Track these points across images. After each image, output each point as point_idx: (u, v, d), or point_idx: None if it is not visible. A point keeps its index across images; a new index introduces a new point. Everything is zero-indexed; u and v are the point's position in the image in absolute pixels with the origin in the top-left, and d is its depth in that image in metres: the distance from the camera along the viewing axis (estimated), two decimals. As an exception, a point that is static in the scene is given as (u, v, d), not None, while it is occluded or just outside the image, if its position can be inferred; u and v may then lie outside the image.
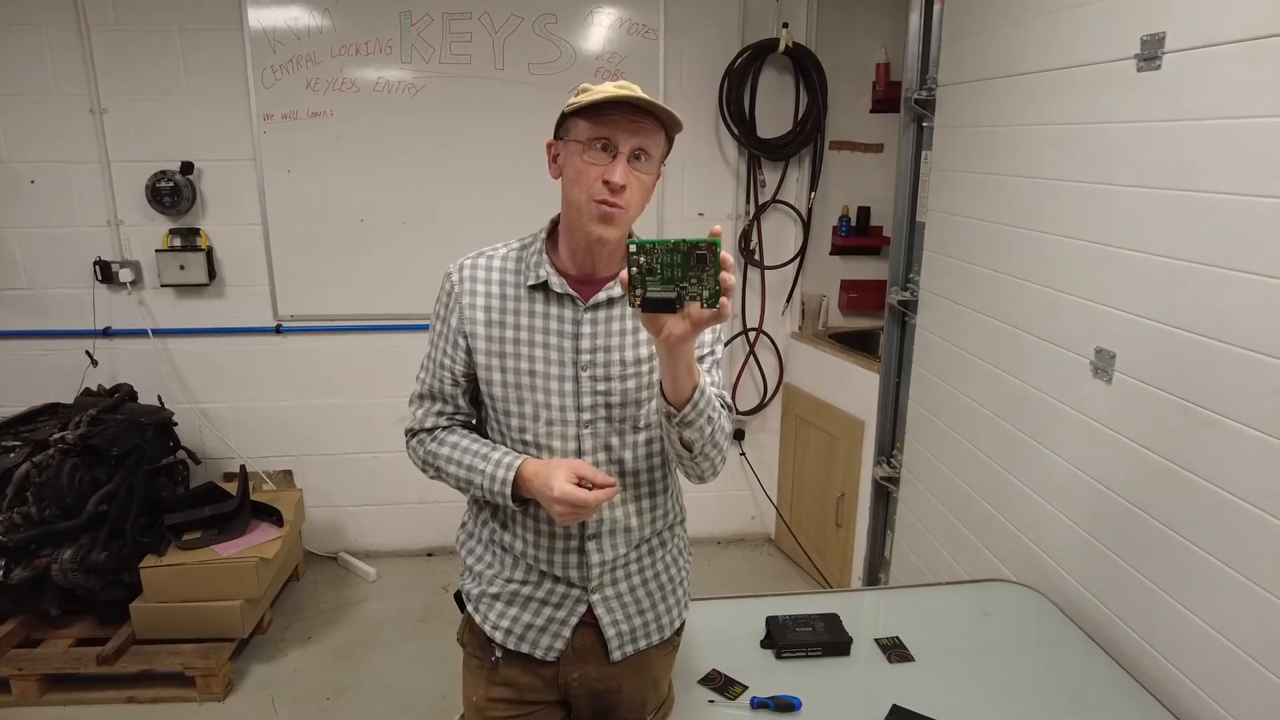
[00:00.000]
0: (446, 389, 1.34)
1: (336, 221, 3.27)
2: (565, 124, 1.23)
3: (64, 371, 3.28)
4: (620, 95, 1.15)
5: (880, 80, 3.42)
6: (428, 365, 1.36)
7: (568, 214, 1.26)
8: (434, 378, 1.35)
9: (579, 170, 1.19)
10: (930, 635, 1.77)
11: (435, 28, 3.13)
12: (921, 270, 2.64)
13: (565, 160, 1.23)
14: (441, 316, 1.34)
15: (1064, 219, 1.92)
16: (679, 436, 1.18)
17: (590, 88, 1.20)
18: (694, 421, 1.16)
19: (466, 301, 1.29)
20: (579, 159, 1.19)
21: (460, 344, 1.30)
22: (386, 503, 3.63)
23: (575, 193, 1.21)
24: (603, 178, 1.17)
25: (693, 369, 1.14)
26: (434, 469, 1.35)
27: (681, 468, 1.30)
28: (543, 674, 1.38)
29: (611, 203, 1.18)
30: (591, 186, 1.18)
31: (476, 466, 1.28)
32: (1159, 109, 1.62)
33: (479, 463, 1.28)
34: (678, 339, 1.07)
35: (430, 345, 1.36)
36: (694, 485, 1.35)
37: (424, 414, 1.36)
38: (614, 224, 1.20)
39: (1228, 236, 1.47)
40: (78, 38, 3.02)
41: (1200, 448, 1.53)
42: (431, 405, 1.36)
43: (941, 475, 2.53)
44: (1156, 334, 1.64)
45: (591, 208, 1.19)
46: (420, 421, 1.37)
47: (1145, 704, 1.58)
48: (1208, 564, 1.51)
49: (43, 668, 2.64)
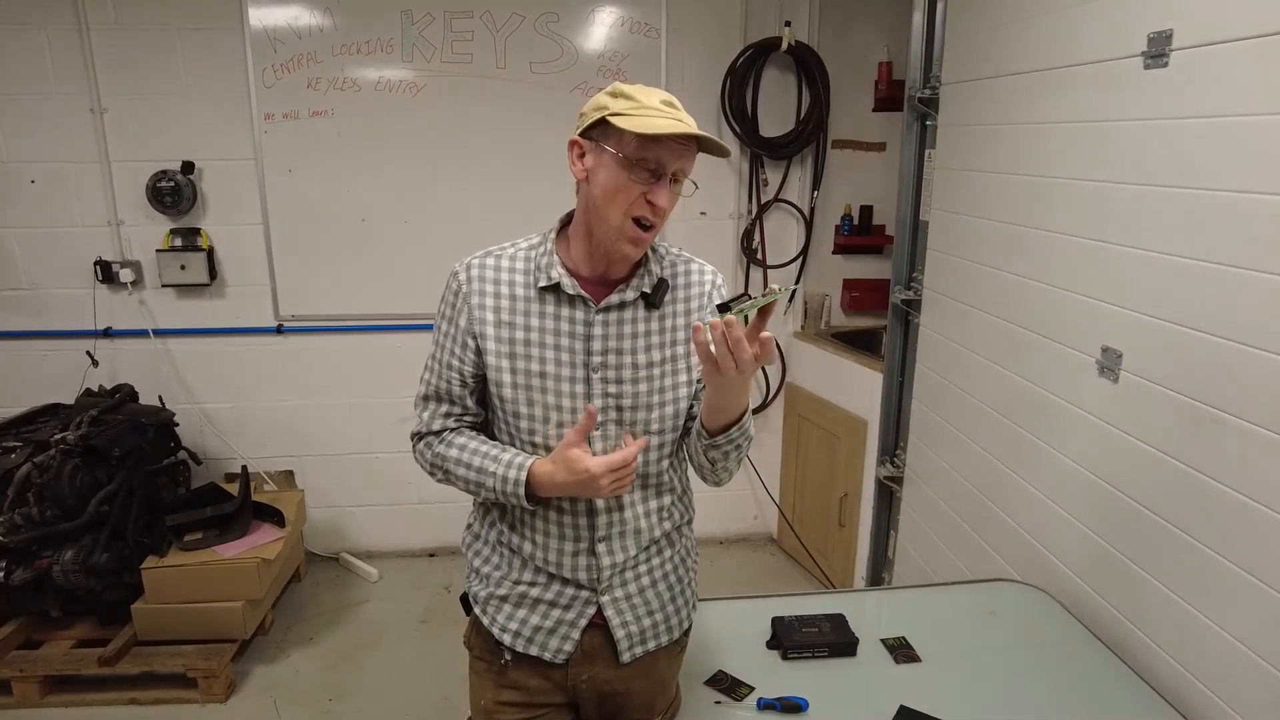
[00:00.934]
0: (454, 390, 1.32)
1: (337, 221, 3.27)
2: (605, 128, 1.18)
3: (65, 372, 3.27)
4: (679, 131, 1.14)
5: (883, 79, 3.41)
6: (433, 366, 1.33)
7: (592, 222, 1.23)
8: (441, 379, 1.32)
9: (619, 186, 1.18)
10: (936, 635, 1.77)
11: (436, 27, 3.12)
12: (925, 269, 2.64)
13: (598, 167, 1.20)
14: (449, 317, 1.31)
15: (1070, 218, 1.91)
16: (705, 454, 1.25)
17: (629, 92, 1.18)
18: (722, 446, 1.23)
19: (475, 302, 1.28)
20: (622, 174, 1.17)
21: (470, 344, 1.29)
22: (388, 503, 3.62)
23: (610, 208, 1.19)
24: (649, 198, 1.18)
25: (741, 400, 1.19)
26: (443, 472, 1.33)
27: (698, 471, 1.35)
28: (551, 676, 1.37)
29: (650, 223, 1.20)
30: (632, 205, 1.18)
31: (487, 469, 1.26)
32: (1166, 107, 1.61)
33: (489, 464, 1.26)
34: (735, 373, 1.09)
35: (435, 346, 1.33)
36: (695, 484, 1.37)
37: (430, 416, 1.34)
38: (643, 245, 1.23)
39: (1236, 235, 1.46)
40: (78, 37, 3.01)
41: (1209, 447, 1.53)
42: (438, 407, 1.34)
43: (945, 475, 2.52)
44: (1164, 333, 1.63)
45: (627, 227, 1.19)
46: (427, 424, 1.34)
47: (1153, 704, 1.57)
48: (1216, 563, 1.50)
49: (44, 669, 2.63)
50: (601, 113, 1.18)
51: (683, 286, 1.33)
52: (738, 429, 1.21)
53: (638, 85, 1.21)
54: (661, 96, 1.19)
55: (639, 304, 1.28)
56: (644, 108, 1.16)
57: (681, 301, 1.32)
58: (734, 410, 1.19)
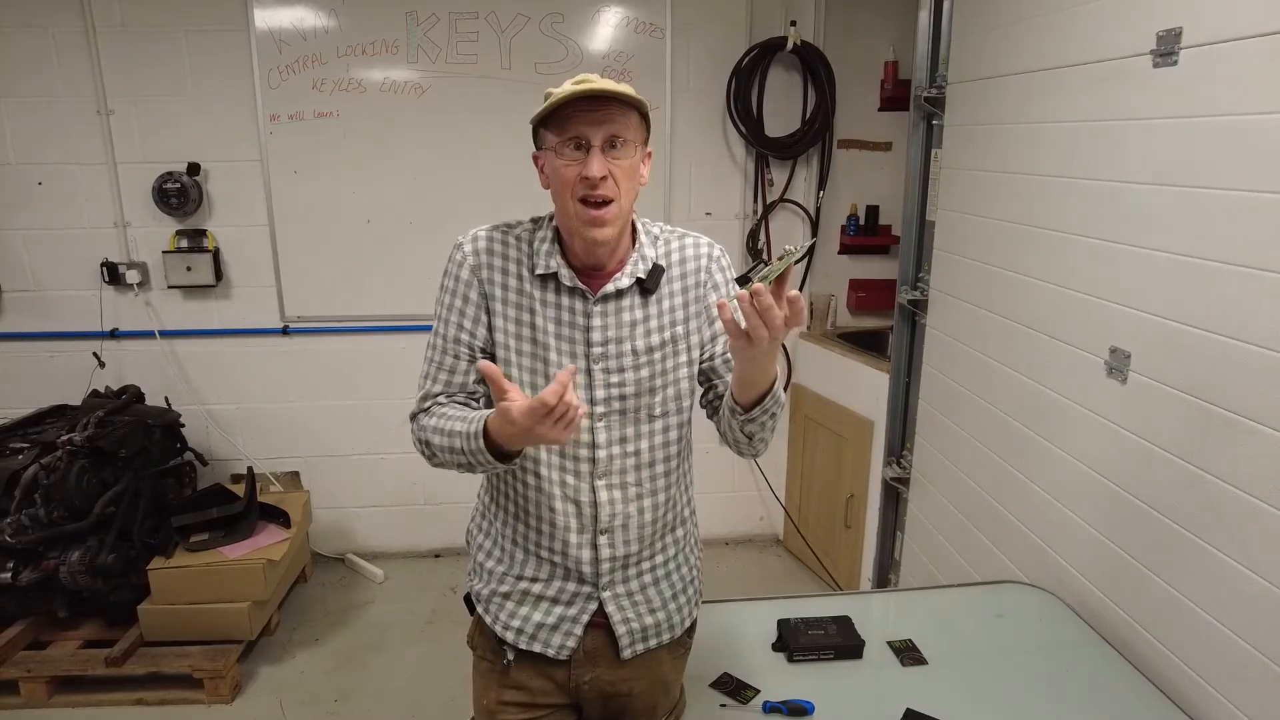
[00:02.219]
0: (460, 365, 1.27)
1: (343, 222, 3.27)
2: (538, 135, 1.23)
3: (71, 373, 3.28)
4: (574, 92, 1.13)
5: (889, 78, 3.40)
6: (436, 343, 1.28)
7: (563, 221, 1.25)
8: (446, 354, 1.27)
9: (560, 174, 1.18)
10: (943, 638, 1.76)
11: (441, 27, 3.12)
12: (932, 269, 2.62)
13: (548, 169, 1.22)
14: (456, 290, 1.27)
15: (1078, 217, 1.90)
16: (742, 429, 1.24)
17: (552, 91, 1.18)
18: (758, 419, 1.22)
19: (486, 276, 1.26)
20: (557, 163, 1.18)
21: (482, 319, 1.26)
22: (394, 504, 3.62)
23: (563, 199, 1.20)
24: (580, 174, 1.17)
25: (771, 368, 1.17)
26: (426, 446, 1.24)
27: (734, 448, 1.34)
28: (554, 676, 1.37)
29: (595, 198, 1.17)
30: (574, 187, 1.18)
31: (456, 430, 1.18)
32: (1175, 105, 1.60)
33: (458, 425, 1.18)
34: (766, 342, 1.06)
35: (439, 321, 1.28)
36: (700, 485, 1.35)
37: (426, 394, 1.28)
38: (605, 224, 1.20)
39: (1247, 234, 1.44)
40: (84, 39, 3.02)
41: (1218, 448, 1.51)
42: (436, 383, 1.28)
43: (952, 476, 2.51)
44: (1173, 333, 1.61)
45: (581, 212, 1.19)
46: (420, 403, 1.29)
47: (1162, 707, 1.56)
48: (1226, 566, 1.49)
49: (51, 669, 2.63)
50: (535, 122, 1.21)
51: (677, 264, 1.32)
52: (770, 398, 1.20)
53: None
54: (576, 78, 1.18)
55: (634, 290, 1.28)
56: (554, 96, 1.15)
57: (678, 280, 1.31)
58: (766, 380, 1.18)
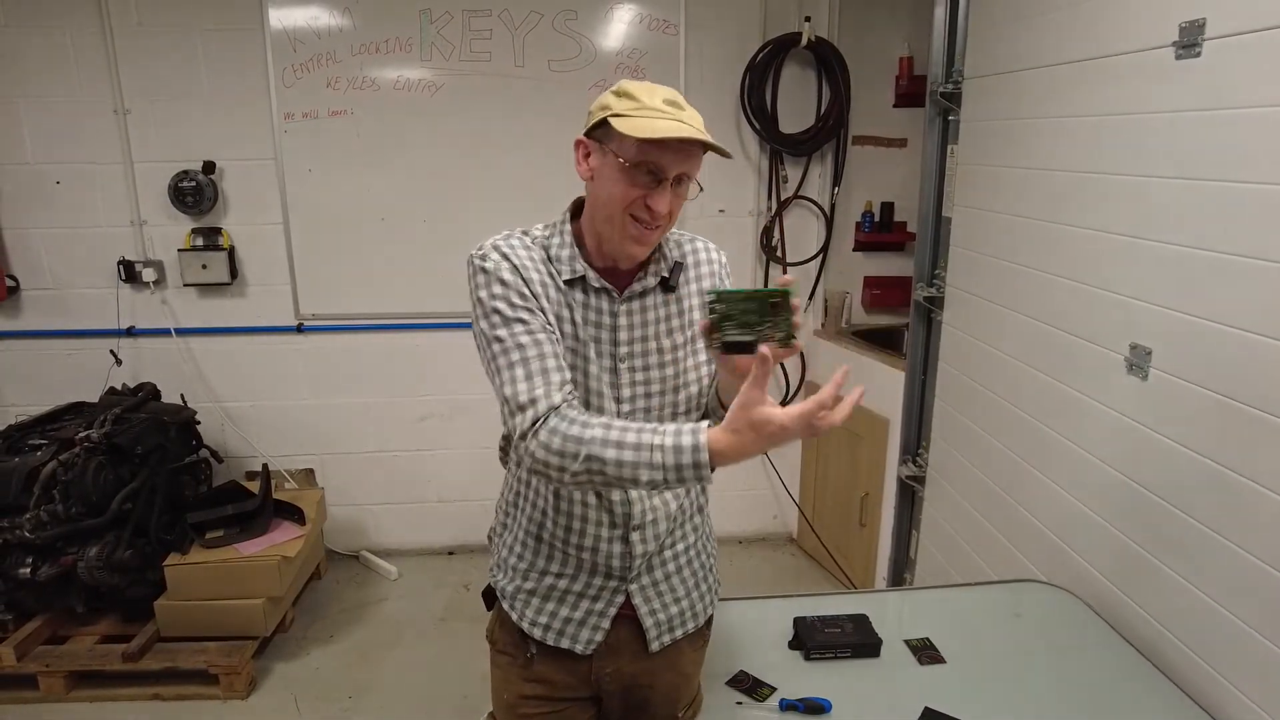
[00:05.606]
0: (559, 354, 1.18)
1: (357, 220, 3.28)
2: (607, 129, 1.15)
3: (89, 371, 3.31)
4: (682, 134, 1.12)
5: (904, 74, 3.38)
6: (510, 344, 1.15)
7: (598, 222, 1.22)
8: (532, 350, 1.15)
9: (621, 189, 1.16)
10: (961, 636, 1.74)
11: (455, 25, 3.12)
12: (948, 266, 2.60)
13: (602, 168, 1.19)
14: (509, 286, 1.17)
15: (1097, 213, 1.88)
16: None
17: (632, 91, 1.15)
18: None
19: (526, 276, 1.20)
20: (622, 178, 1.15)
21: (545, 308, 1.19)
22: (408, 501, 3.63)
23: (611, 207, 1.18)
24: (647, 203, 1.16)
25: None
26: (572, 459, 1.08)
27: None
28: (576, 670, 1.36)
29: (650, 225, 1.18)
30: (632, 206, 1.17)
31: (647, 442, 1.06)
32: (1199, 98, 1.58)
33: (648, 437, 1.06)
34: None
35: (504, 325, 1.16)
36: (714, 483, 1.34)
37: (545, 395, 1.13)
38: (648, 244, 1.21)
39: (1272, 229, 1.42)
40: (101, 39, 3.04)
41: (1242, 445, 1.49)
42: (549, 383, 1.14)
43: (968, 474, 2.49)
44: (1196, 329, 1.59)
45: (628, 226, 1.18)
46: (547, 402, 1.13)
47: (1184, 708, 1.54)
48: (1250, 564, 1.47)
49: (69, 664, 2.66)
50: (604, 113, 1.16)
51: (692, 266, 1.33)
52: None
53: (644, 83, 1.18)
54: (665, 95, 1.16)
55: (658, 289, 1.29)
56: (645, 108, 1.13)
57: (694, 281, 1.32)
58: None
